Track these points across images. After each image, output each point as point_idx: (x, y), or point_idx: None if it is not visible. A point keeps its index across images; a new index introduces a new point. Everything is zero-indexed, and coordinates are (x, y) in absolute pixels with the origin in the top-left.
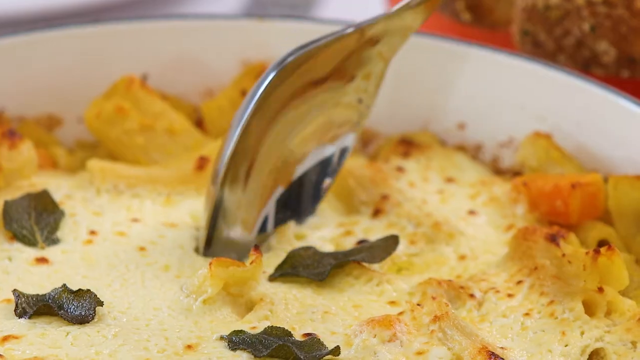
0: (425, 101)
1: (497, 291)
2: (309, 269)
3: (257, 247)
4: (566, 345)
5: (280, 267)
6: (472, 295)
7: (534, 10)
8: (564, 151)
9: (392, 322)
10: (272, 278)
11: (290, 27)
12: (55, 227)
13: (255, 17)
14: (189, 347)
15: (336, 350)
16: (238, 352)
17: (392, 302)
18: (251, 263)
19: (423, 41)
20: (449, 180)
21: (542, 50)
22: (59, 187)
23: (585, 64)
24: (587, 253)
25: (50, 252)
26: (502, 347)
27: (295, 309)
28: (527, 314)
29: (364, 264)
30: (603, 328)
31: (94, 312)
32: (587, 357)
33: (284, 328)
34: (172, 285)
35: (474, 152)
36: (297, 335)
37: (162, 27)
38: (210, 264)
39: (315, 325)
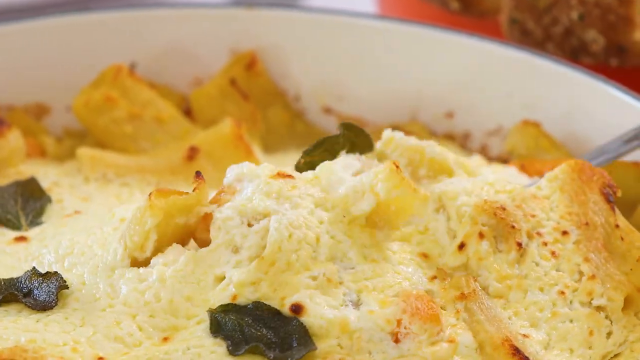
0: (413, 90)
1: (544, 243)
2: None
3: (198, 174)
4: (589, 348)
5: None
6: (519, 244)
7: None
8: (553, 139)
9: (438, 317)
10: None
11: (278, 15)
12: (40, 212)
13: (244, 6)
14: (165, 339)
15: (312, 350)
16: (218, 339)
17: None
18: (194, 190)
19: (412, 30)
20: None
21: (531, 39)
22: (46, 174)
23: (573, 53)
24: None
25: (30, 232)
26: (524, 335)
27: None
28: (562, 292)
29: None
30: (629, 327)
31: (57, 298)
32: None
33: (272, 306)
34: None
35: (462, 140)
36: (287, 305)
37: (151, 16)
38: (149, 194)
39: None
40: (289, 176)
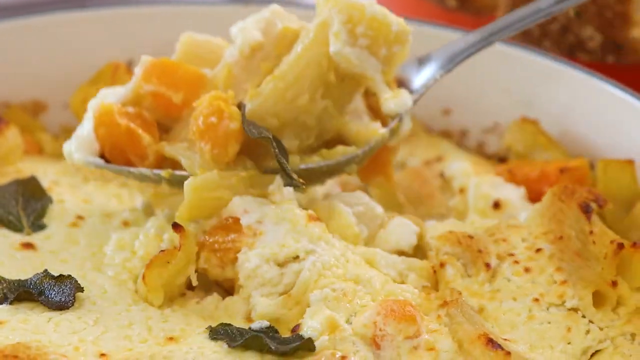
0: None
1: (516, 262)
2: None
3: (176, 226)
4: (569, 343)
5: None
6: (487, 265)
7: None
8: (550, 137)
9: (414, 317)
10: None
11: None
12: (42, 213)
13: (241, 3)
14: (170, 339)
15: (309, 343)
16: (219, 342)
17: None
18: (180, 249)
19: (408, 27)
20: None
21: (528, 36)
22: (45, 173)
23: (570, 50)
24: (611, 242)
25: (35, 237)
26: (505, 339)
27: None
28: (536, 300)
29: None
30: (607, 322)
31: (74, 299)
32: (588, 357)
33: (273, 326)
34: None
35: (459, 137)
36: (287, 330)
37: (148, 13)
38: (143, 278)
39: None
40: (318, 219)
